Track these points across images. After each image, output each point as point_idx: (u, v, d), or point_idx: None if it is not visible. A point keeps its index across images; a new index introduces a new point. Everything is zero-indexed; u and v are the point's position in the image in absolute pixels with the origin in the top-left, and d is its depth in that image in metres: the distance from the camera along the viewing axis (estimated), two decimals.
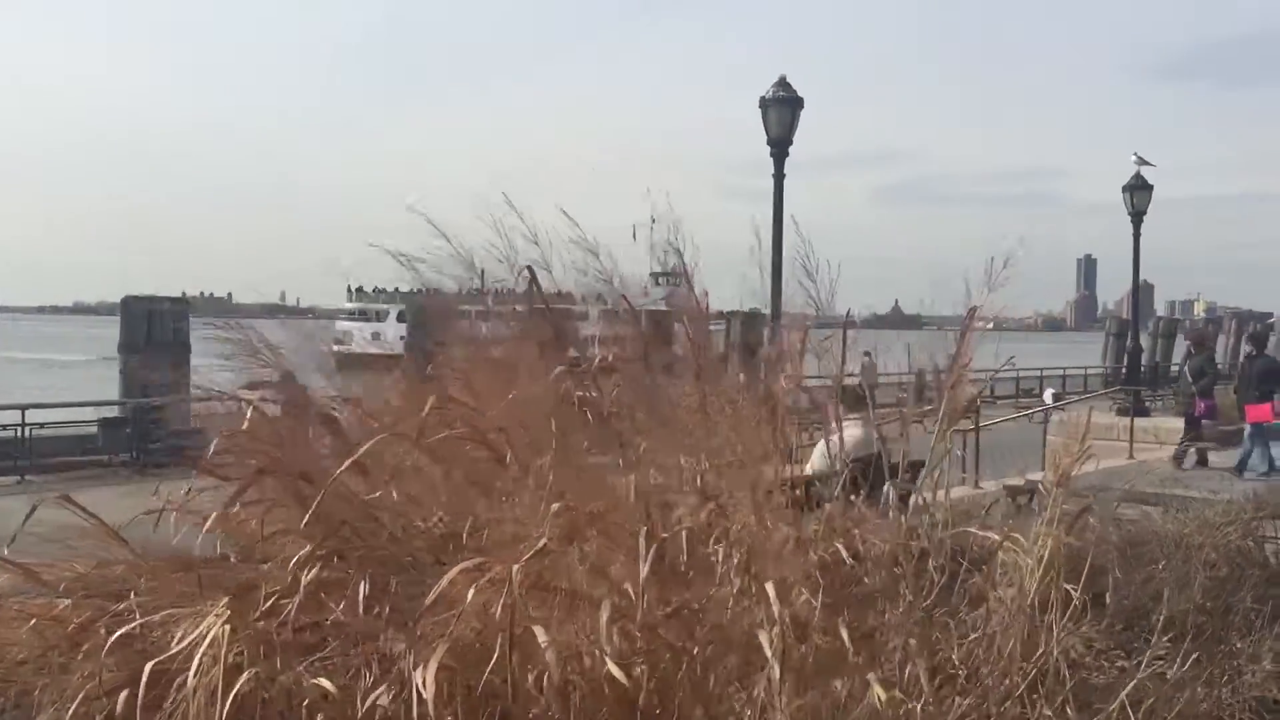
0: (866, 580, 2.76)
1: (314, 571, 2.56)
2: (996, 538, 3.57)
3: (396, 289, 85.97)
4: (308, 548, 2.58)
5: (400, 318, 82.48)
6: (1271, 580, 6.96)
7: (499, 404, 2.60)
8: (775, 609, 2.11)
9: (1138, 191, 18.16)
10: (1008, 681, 2.92)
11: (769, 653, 2.09)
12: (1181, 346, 59.07)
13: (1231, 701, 5.06)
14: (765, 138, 11.69)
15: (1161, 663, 5.73)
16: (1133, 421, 16.20)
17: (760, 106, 11.63)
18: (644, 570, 2.10)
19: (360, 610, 2.32)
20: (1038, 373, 40.93)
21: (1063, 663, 3.25)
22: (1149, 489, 9.75)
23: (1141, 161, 18.34)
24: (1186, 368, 16.71)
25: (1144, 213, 18.23)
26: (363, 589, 2.52)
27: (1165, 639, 5.96)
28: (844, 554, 2.59)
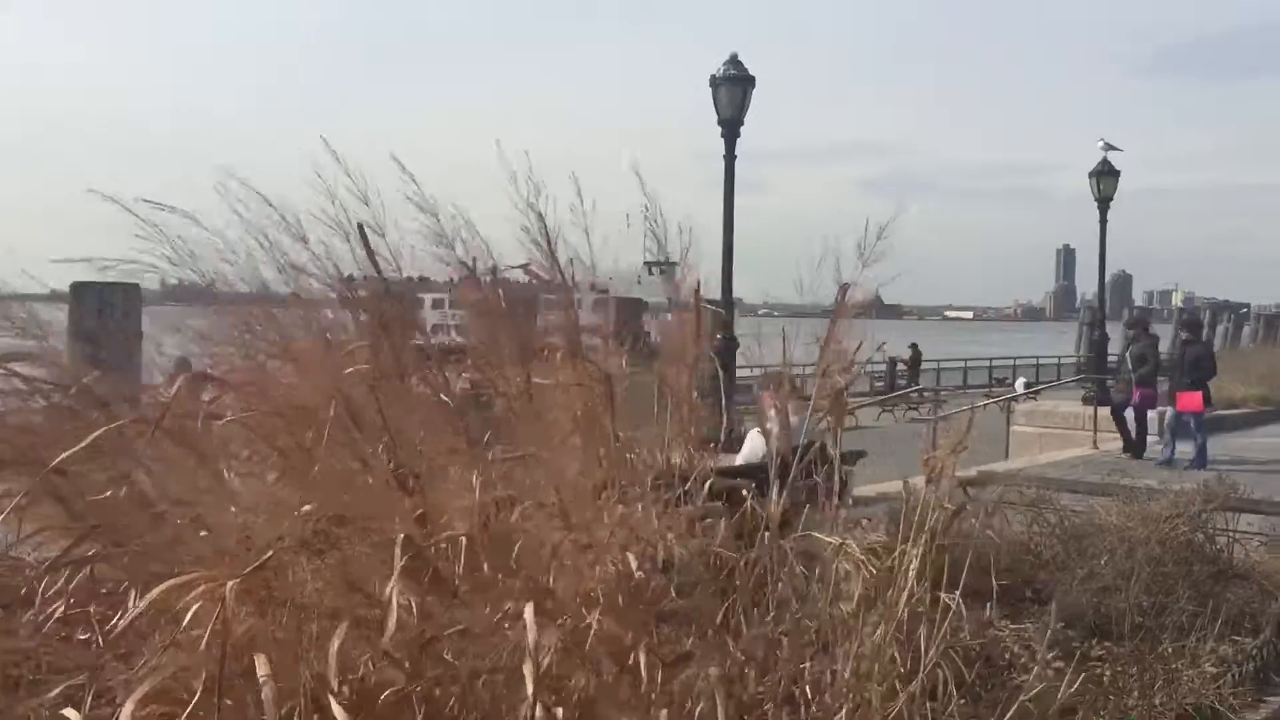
0: (676, 596, 2.40)
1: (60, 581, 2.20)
2: (834, 541, 3.20)
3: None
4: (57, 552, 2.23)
5: (434, 305, 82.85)
6: (1219, 576, 6.66)
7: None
8: (532, 634, 1.75)
9: (1104, 177, 17.80)
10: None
11: (529, 687, 1.74)
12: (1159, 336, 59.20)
13: (1165, 708, 4.73)
14: (715, 118, 11.32)
15: (1097, 665, 5.42)
16: (1096, 411, 15.89)
17: (711, 85, 11.24)
18: (393, 583, 1.74)
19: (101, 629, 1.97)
20: (1011, 361, 40.77)
21: (950, 678, 2.90)
22: (1095, 479, 9.48)
23: (1109, 147, 17.99)
24: (1128, 354, 15.87)
25: (1111, 199, 17.88)
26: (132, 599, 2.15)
27: (1102, 641, 5.66)
28: (633, 564, 2.22)
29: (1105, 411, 17.71)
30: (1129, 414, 15.43)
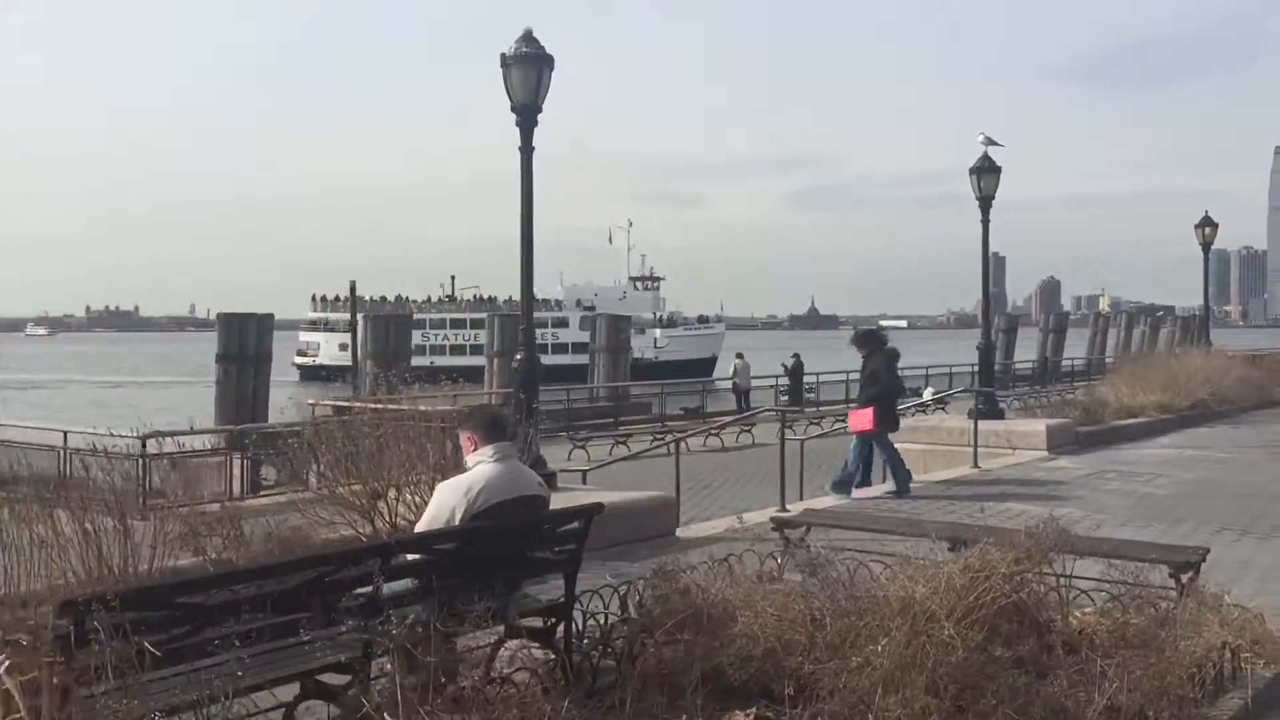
0: None
1: None
2: None
3: (358, 297, 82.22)
4: None
5: (415, 325, 78.53)
6: (1043, 653, 5.23)
7: None
8: None
9: (985, 175, 16.62)
10: None
11: None
12: (1077, 339, 58.81)
13: None
14: (509, 103, 9.81)
15: None
16: (976, 426, 14.62)
17: (501, 66, 9.74)
18: None
19: None
20: (923, 371, 39.65)
21: None
22: (938, 519, 8.10)
23: (989, 142, 16.83)
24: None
25: (992, 197, 16.70)
26: None
27: None
28: None
29: (994, 425, 16.47)
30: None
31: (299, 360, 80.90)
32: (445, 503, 5.17)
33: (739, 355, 32.78)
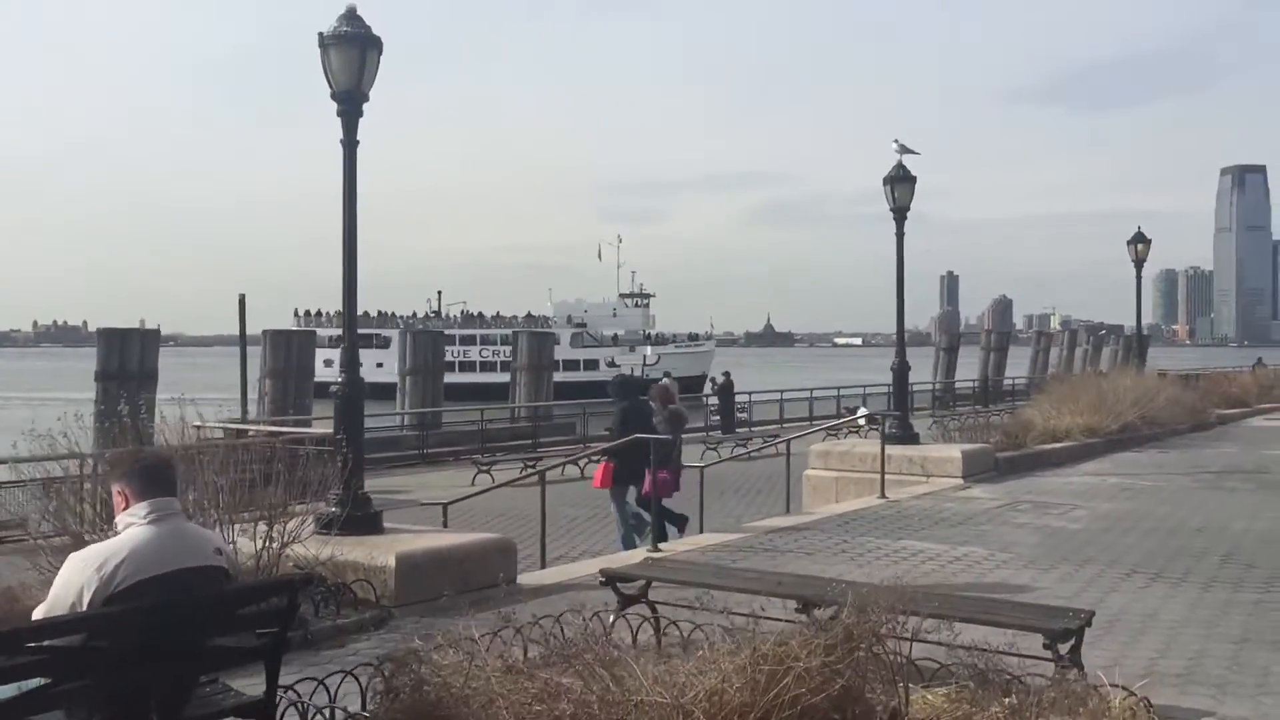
0: None
1: None
2: None
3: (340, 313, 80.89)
4: None
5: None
6: None
7: None
8: None
9: (899, 184, 15.57)
10: None
11: None
12: (1022, 357, 58.09)
13: None
14: (329, 90, 8.60)
15: None
16: (883, 452, 13.54)
17: (320, 47, 8.54)
18: None
19: None
20: (861, 390, 38.74)
21: None
22: (735, 566, 6.91)
23: (903, 149, 15.81)
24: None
25: (907, 208, 15.67)
26: None
27: None
28: None
29: (905, 450, 15.44)
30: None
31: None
32: (71, 581, 3.92)
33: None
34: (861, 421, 29.39)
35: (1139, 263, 24.21)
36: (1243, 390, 27.69)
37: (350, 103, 8.60)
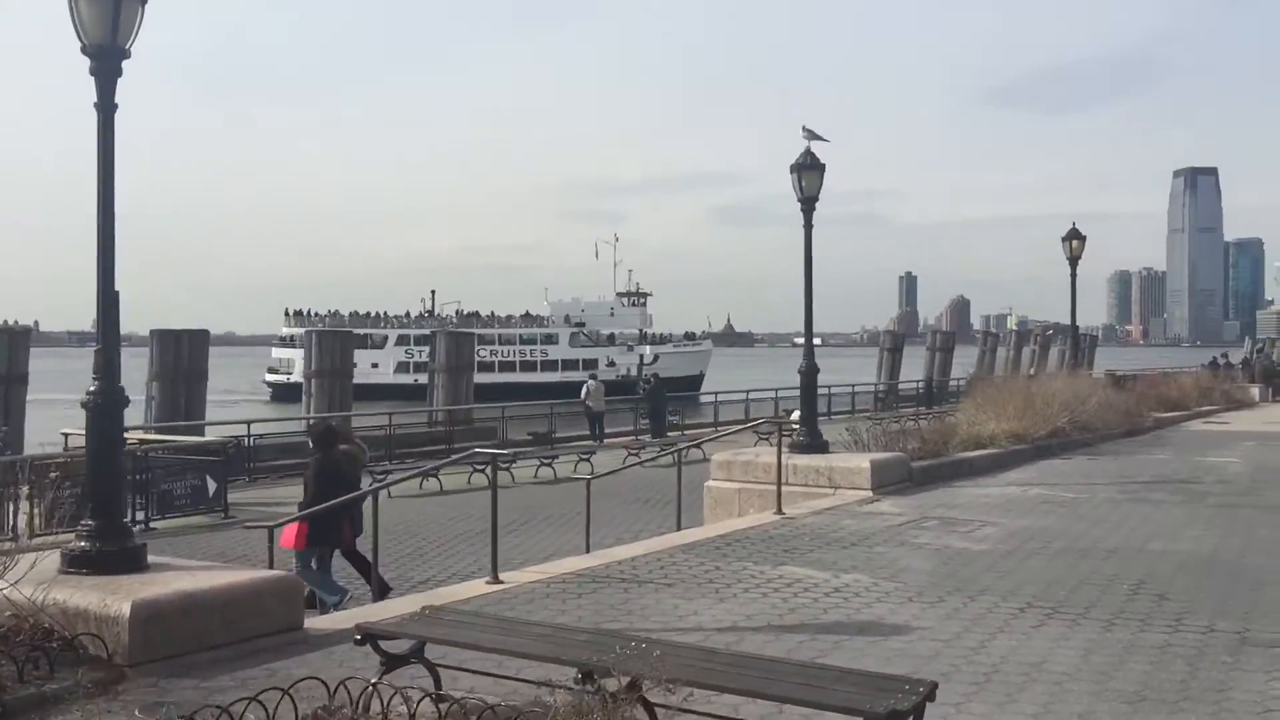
0: None
1: None
2: None
3: (333, 312, 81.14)
4: None
5: (399, 342, 78.20)
6: None
7: None
8: None
9: (807, 172, 14.36)
10: None
11: None
12: (966, 358, 57.23)
13: None
14: (80, 45, 7.24)
15: None
16: (780, 461, 12.31)
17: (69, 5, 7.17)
18: None
19: None
20: (796, 391, 37.64)
21: None
22: (524, 622, 5.61)
23: (812, 135, 14.62)
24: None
25: (815, 198, 14.50)
26: None
27: None
28: None
29: (813, 460, 14.28)
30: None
31: (270, 378, 79.86)
32: None
33: (592, 376, 30.41)
34: (795, 425, 28.31)
35: (1074, 260, 23.29)
36: (1181, 393, 26.84)
37: (104, 58, 7.25)
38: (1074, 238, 23.51)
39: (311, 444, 11.55)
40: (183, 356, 23.36)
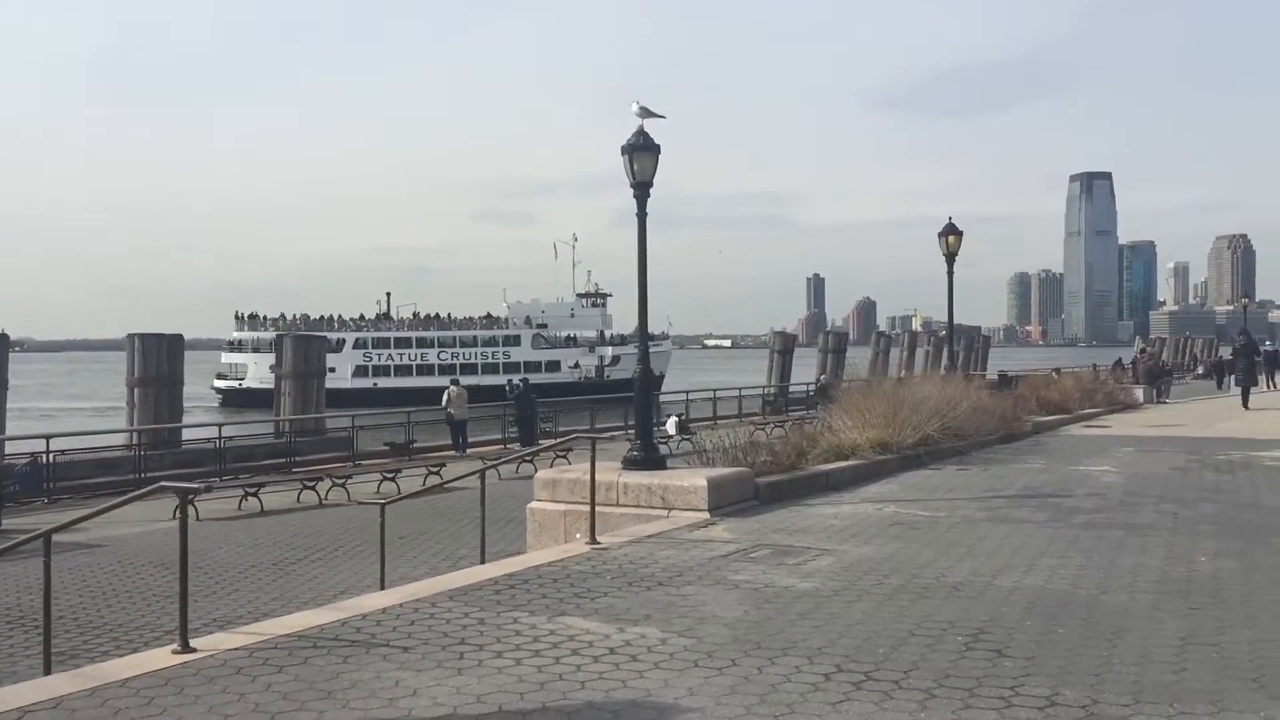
0: None
1: None
2: None
3: (282, 316, 78.55)
4: None
5: (357, 345, 75.80)
6: None
7: None
8: None
9: (640, 154, 12.77)
10: None
11: None
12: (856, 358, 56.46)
13: None
14: None
15: None
16: (593, 481, 10.66)
17: None
18: None
19: None
20: (683, 396, 36.23)
21: None
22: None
23: (645, 113, 13.02)
24: None
25: (650, 182, 12.91)
26: None
27: None
28: None
29: (640, 480, 12.67)
30: None
31: (219, 384, 78.17)
32: None
33: (453, 382, 28.46)
34: (671, 431, 26.77)
35: (950, 256, 22.19)
36: (1063, 395, 25.95)
37: None
38: (950, 233, 22.42)
39: None
40: (163, 362, 22.55)
